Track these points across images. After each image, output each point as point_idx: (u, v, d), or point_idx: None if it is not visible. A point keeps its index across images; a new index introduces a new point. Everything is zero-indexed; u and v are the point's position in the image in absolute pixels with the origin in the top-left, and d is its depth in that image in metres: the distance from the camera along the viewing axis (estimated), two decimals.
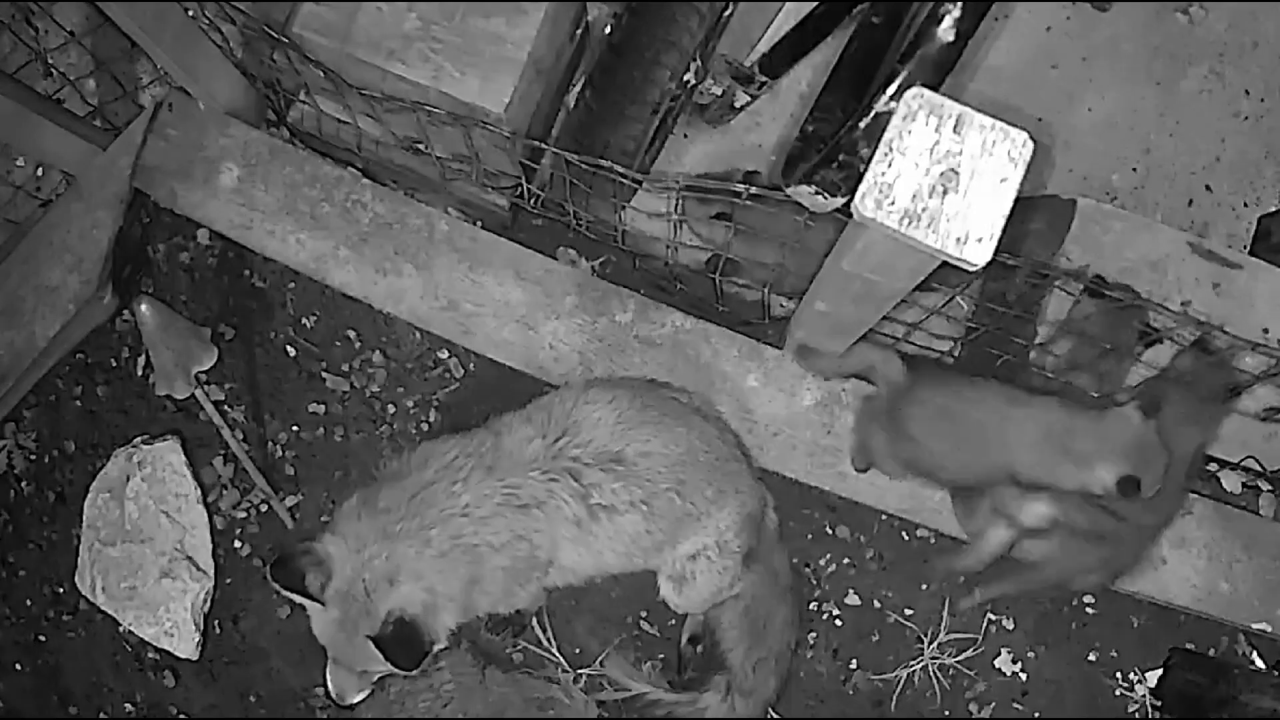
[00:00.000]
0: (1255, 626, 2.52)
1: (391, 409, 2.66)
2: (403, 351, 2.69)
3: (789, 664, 2.48)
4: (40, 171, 2.87)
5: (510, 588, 2.09)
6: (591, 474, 2.07)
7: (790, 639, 2.47)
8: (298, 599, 1.94)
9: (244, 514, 2.64)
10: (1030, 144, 1.62)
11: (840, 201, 2.51)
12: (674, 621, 2.57)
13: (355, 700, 2.05)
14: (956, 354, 2.63)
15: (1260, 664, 2.58)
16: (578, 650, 2.57)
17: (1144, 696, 2.57)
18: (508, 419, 2.16)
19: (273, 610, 2.61)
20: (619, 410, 2.14)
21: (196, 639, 2.57)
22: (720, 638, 2.46)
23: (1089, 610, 2.60)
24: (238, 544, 2.64)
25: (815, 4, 2.62)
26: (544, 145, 2.41)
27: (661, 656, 2.56)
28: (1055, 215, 2.67)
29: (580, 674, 2.56)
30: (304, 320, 2.70)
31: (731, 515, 2.24)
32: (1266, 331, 2.58)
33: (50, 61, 2.70)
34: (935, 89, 1.63)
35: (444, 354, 2.68)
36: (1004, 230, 1.61)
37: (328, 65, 2.32)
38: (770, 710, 2.51)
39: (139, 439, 2.64)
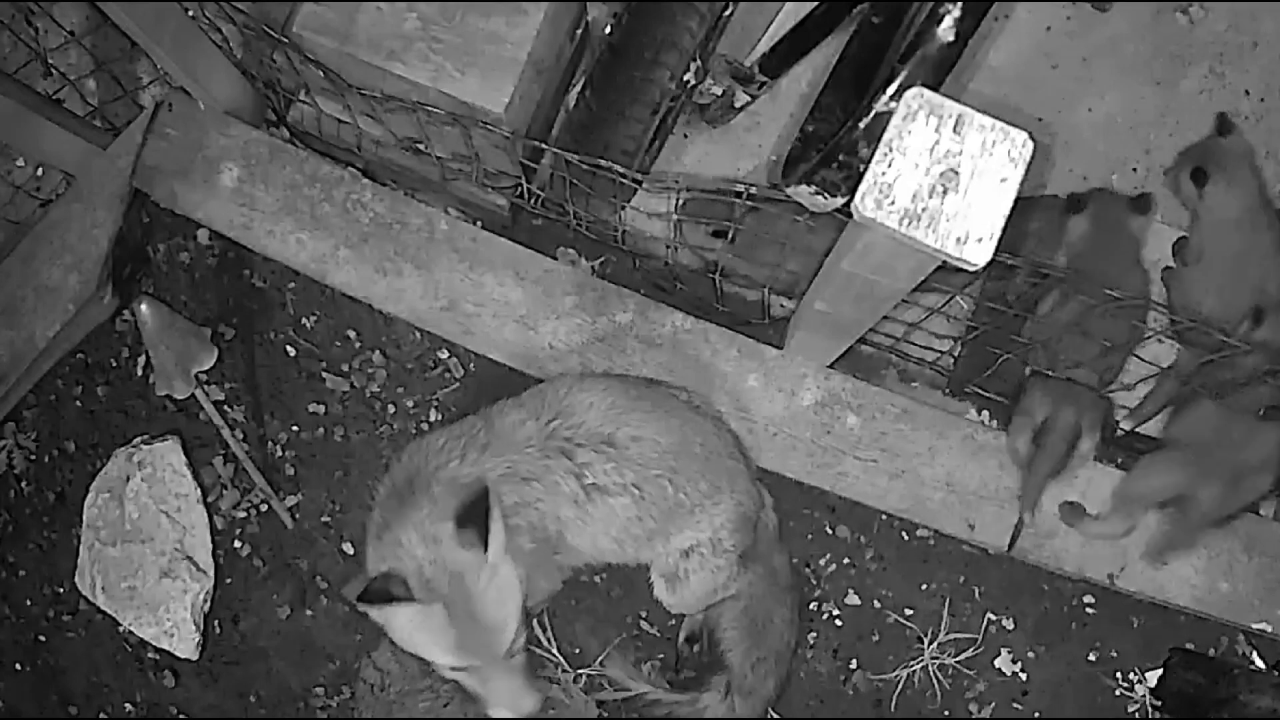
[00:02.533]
0: (1255, 626, 2.52)
1: (391, 409, 2.66)
2: (403, 351, 2.69)
3: (789, 664, 2.48)
4: (40, 171, 2.87)
5: (535, 558, 2.06)
6: (584, 454, 2.08)
7: (790, 639, 2.47)
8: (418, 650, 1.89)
9: (244, 514, 2.64)
10: (1030, 144, 1.62)
11: (840, 201, 2.52)
12: (674, 622, 2.57)
13: (535, 707, 1.94)
14: (956, 354, 2.63)
15: (1260, 664, 2.58)
16: (578, 650, 2.57)
17: (1144, 696, 2.57)
18: (499, 405, 2.17)
19: (273, 610, 2.61)
20: (611, 398, 2.16)
21: (196, 639, 2.57)
22: (720, 638, 2.46)
23: (1089, 610, 2.60)
24: (238, 544, 2.64)
25: (815, 4, 2.63)
26: (544, 145, 2.41)
27: (661, 656, 2.56)
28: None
29: (580, 674, 2.56)
30: (304, 320, 2.70)
31: (727, 513, 2.23)
32: None
33: (50, 61, 2.70)
34: (935, 89, 1.63)
35: (444, 354, 2.68)
36: (1004, 230, 1.61)
37: (328, 65, 2.32)
38: (770, 710, 2.51)
39: (139, 439, 2.64)
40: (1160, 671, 2.57)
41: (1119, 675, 2.59)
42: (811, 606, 2.59)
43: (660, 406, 2.22)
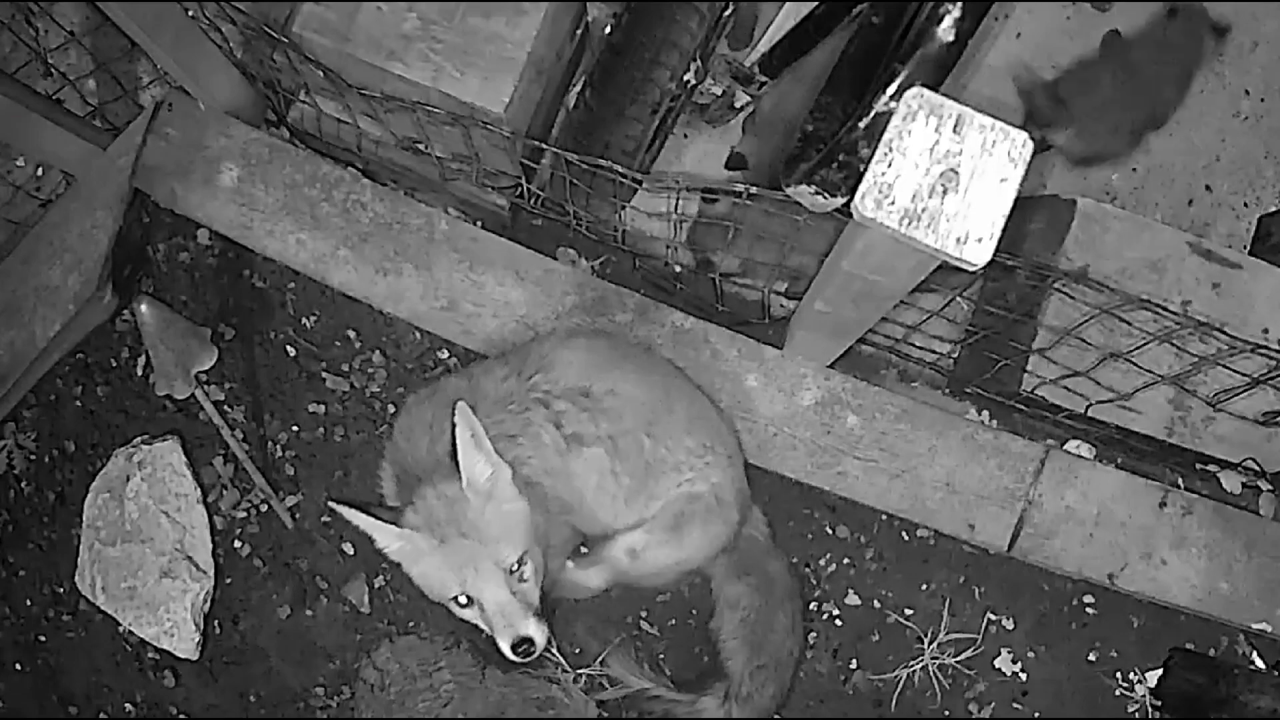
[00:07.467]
0: (1255, 626, 2.52)
1: (391, 409, 2.66)
2: (403, 351, 2.69)
3: (791, 672, 2.47)
4: (40, 171, 2.87)
5: (540, 516, 2.09)
6: (559, 404, 2.13)
7: (793, 647, 2.45)
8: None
9: (244, 514, 2.64)
10: (1030, 144, 1.62)
11: (840, 201, 2.52)
12: (674, 622, 2.57)
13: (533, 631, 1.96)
14: (955, 356, 2.63)
15: (1260, 664, 2.58)
16: (578, 650, 2.57)
17: (1144, 696, 2.57)
18: (484, 364, 2.22)
19: (273, 610, 2.61)
20: (593, 355, 2.21)
21: (196, 639, 2.57)
22: (721, 647, 2.46)
23: (1089, 610, 2.60)
24: (238, 544, 2.64)
25: (815, 4, 2.63)
26: (544, 145, 2.41)
27: (661, 656, 2.56)
28: (1055, 215, 2.67)
29: (580, 674, 2.56)
30: (304, 320, 2.70)
31: (722, 471, 2.27)
32: (1266, 332, 2.58)
33: (50, 61, 2.70)
34: (935, 89, 1.63)
35: (444, 354, 2.68)
36: (1004, 230, 1.61)
37: (328, 65, 2.32)
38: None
39: (139, 439, 2.64)
40: (1160, 671, 2.57)
41: (1119, 675, 2.59)
42: (811, 607, 2.59)
43: (645, 367, 2.26)
